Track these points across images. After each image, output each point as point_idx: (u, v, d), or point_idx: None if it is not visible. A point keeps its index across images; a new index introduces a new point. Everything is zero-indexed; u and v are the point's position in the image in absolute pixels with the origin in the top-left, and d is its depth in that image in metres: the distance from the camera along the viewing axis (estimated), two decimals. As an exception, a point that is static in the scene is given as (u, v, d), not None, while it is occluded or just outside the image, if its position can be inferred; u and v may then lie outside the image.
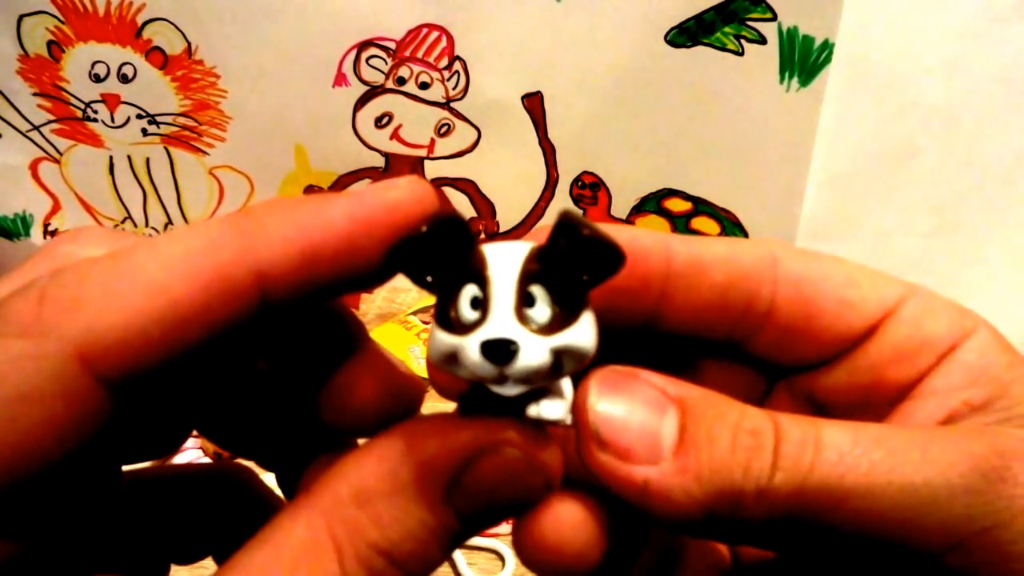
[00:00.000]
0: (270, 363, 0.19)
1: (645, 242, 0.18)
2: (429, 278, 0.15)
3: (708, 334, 0.19)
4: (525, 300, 0.14)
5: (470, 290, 0.14)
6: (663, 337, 0.19)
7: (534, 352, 0.14)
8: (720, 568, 0.21)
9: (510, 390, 0.15)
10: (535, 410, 0.16)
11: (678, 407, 0.16)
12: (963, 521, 0.14)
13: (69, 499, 0.16)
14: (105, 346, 0.14)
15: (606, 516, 0.17)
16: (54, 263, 0.15)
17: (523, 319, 0.14)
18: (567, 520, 0.17)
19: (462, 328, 0.14)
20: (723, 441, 0.15)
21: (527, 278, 0.14)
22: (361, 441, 0.17)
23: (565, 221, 0.14)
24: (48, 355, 0.13)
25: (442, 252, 0.15)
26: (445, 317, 0.14)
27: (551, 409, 0.16)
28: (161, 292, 0.14)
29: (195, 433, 0.24)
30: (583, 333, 0.15)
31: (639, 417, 0.16)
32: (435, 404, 0.18)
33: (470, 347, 0.14)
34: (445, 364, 0.15)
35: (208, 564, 0.20)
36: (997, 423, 0.17)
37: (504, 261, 0.15)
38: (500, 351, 0.14)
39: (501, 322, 0.14)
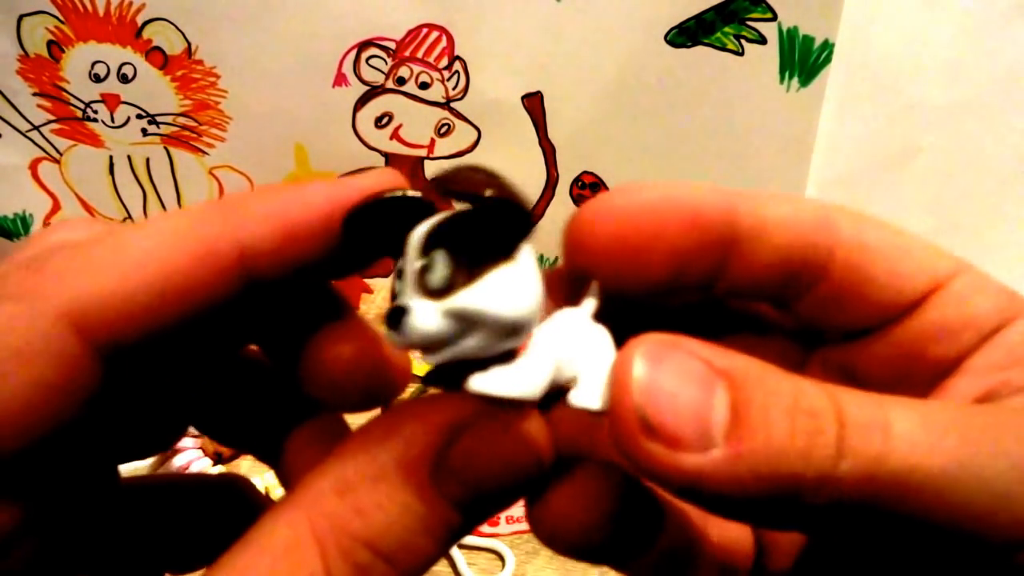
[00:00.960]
0: (261, 343, 0.19)
1: (712, 209, 0.17)
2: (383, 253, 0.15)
3: (759, 296, 0.18)
4: (424, 266, 0.14)
5: (399, 265, 0.14)
6: (699, 304, 0.18)
7: (424, 317, 0.14)
8: (743, 552, 0.21)
9: (432, 358, 0.14)
10: (477, 382, 0.14)
11: (727, 382, 0.14)
12: None
13: (66, 490, 0.16)
14: (94, 310, 0.14)
15: (616, 493, 0.16)
16: (44, 249, 0.16)
17: (420, 285, 0.14)
18: (573, 499, 0.16)
19: (391, 302, 0.14)
20: (780, 424, 0.14)
21: (428, 244, 0.14)
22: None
23: (438, 181, 0.14)
24: (40, 316, 0.14)
25: (390, 229, 0.15)
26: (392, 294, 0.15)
27: (492, 381, 0.14)
28: (149, 262, 0.15)
29: (195, 433, 0.24)
30: (483, 294, 0.14)
31: (689, 397, 0.14)
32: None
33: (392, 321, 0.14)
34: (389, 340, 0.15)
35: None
36: None
37: (418, 231, 0.14)
38: (393, 318, 0.14)
39: (405, 291, 0.14)
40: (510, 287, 0.14)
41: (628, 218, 0.17)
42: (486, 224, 0.14)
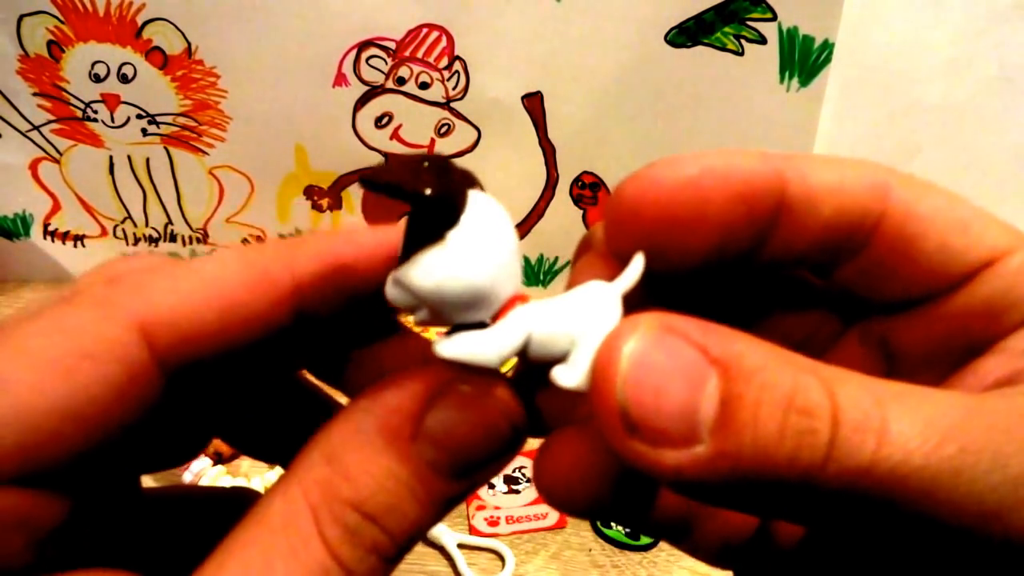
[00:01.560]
0: (309, 364, 0.20)
1: (761, 179, 0.16)
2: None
3: (803, 264, 0.18)
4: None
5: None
6: (742, 270, 0.18)
7: (387, 284, 0.16)
8: (746, 522, 0.20)
9: (416, 321, 0.16)
10: (439, 346, 0.16)
11: (720, 372, 0.14)
12: None
13: (99, 495, 0.16)
14: (163, 323, 0.15)
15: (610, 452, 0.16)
16: (111, 273, 0.18)
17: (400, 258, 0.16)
18: (566, 458, 0.17)
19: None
20: (770, 423, 0.13)
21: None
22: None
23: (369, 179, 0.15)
24: (112, 322, 0.15)
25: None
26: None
27: (452, 346, 0.16)
28: (216, 286, 0.16)
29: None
30: (409, 270, 0.15)
31: (676, 392, 0.14)
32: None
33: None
34: None
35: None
36: None
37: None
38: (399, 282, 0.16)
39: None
40: (431, 264, 0.15)
41: (671, 193, 0.17)
42: (414, 215, 0.16)
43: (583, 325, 0.16)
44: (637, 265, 0.17)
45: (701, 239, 0.16)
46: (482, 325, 0.16)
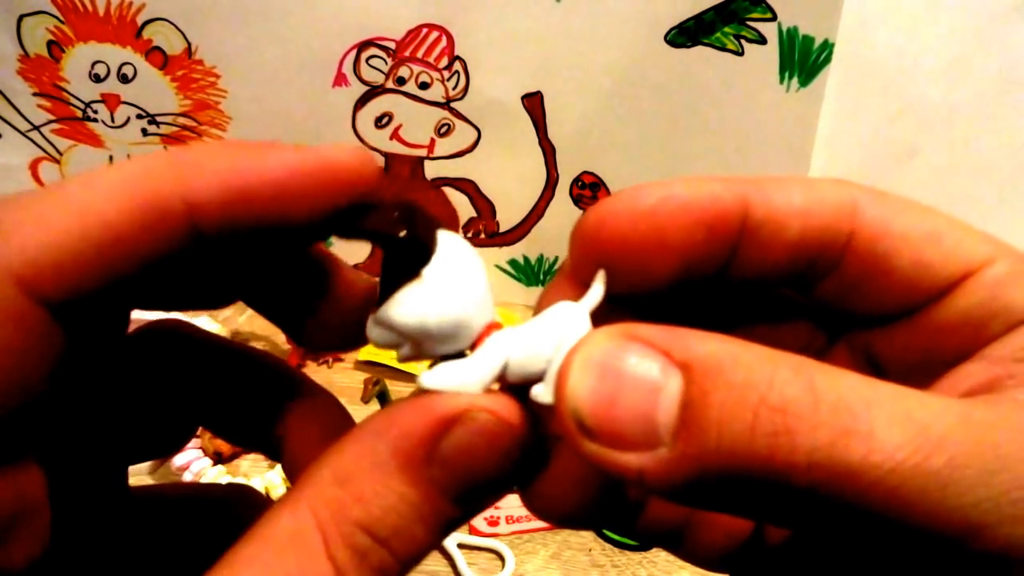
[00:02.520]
0: (255, 304, 0.20)
1: (724, 203, 0.17)
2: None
3: (775, 283, 0.18)
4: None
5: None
6: (724, 284, 0.18)
7: (368, 326, 0.16)
8: (741, 525, 0.21)
9: (400, 358, 0.17)
10: (423, 378, 0.16)
11: (683, 373, 0.13)
12: (1008, 546, 0.13)
13: (77, 487, 0.16)
14: (40, 267, 0.14)
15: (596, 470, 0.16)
16: None
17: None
18: (556, 478, 0.17)
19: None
20: (739, 422, 0.13)
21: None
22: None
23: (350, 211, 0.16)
24: None
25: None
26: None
27: (434, 377, 0.16)
28: (93, 214, 0.14)
29: (195, 433, 0.24)
30: (388, 308, 0.16)
31: (630, 393, 0.13)
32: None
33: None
34: None
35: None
36: None
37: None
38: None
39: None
40: (412, 301, 0.16)
41: (631, 224, 0.17)
42: (390, 258, 0.16)
43: (555, 343, 0.16)
44: (600, 283, 0.17)
45: (661, 265, 0.17)
46: (461, 355, 0.17)
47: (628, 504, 0.19)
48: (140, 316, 0.19)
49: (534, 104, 0.63)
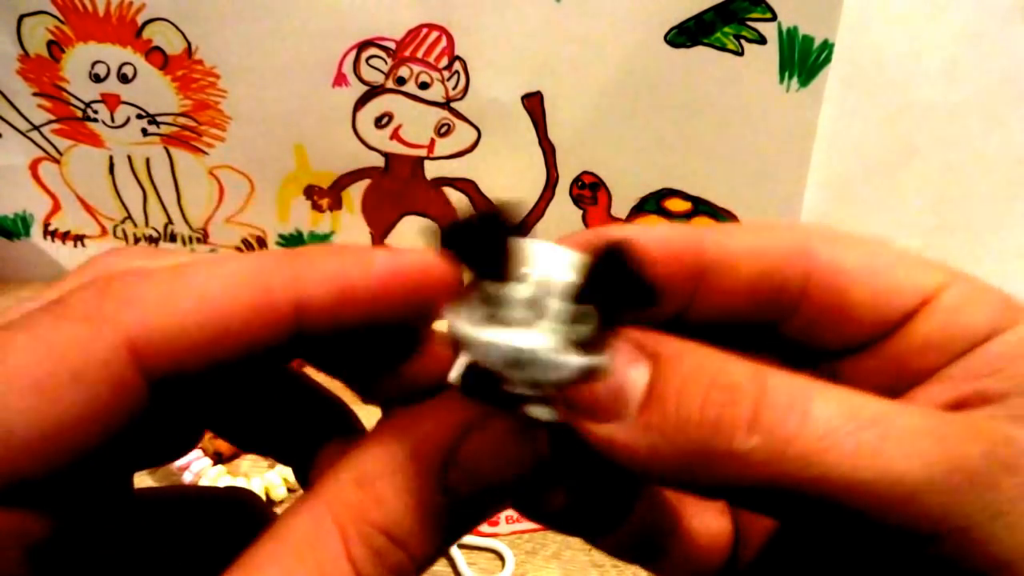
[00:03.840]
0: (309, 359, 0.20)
1: (678, 243, 0.18)
2: (478, 267, 0.16)
3: (735, 323, 0.19)
4: (575, 316, 0.15)
5: (513, 289, 0.15)
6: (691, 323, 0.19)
7: (567, 368, 0.15)
8: (721, 540, 0.21)
9: (519, 389, 0.15)
10: (537, 411, 0.16)
11: (651, 360, 0.15)
12: (940, 518, 0.14)
13: (86, 500, 0.16)
14: (154, 341, 0.15)
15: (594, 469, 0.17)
16: (105, 271, 0.17)
17: (565, 332, 0.15)
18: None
19: (503, 322, 0.15)
20: (694, 396, 0.15)
21: (580, 296, 0.15)
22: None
23: (612, 253, 0.15)
24: (102, 340, 0.14)
25: (491, 245, 0.15)
26: (487, 304, 0.15)
27: (546, 412, 0.16)
28: (211, 303, 0.15)
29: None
30: (609, 360, 0.16)
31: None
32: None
33: (511, 347, 0.15)
34: (469, 346, 0.16)
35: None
36: (1007, 419, 0.16)
37: (557, 269, 0.15)
38: (536, 363, 0.15)
39: (546, 333, 0.15)
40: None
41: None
42: (626, 298, 0.15)
43: None
44: None
45: None
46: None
47: (606, 511, 0.20)
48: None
49: (534, 104, 0.63)
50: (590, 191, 0.67)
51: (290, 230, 0.71)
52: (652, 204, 0.67)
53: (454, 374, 0.16)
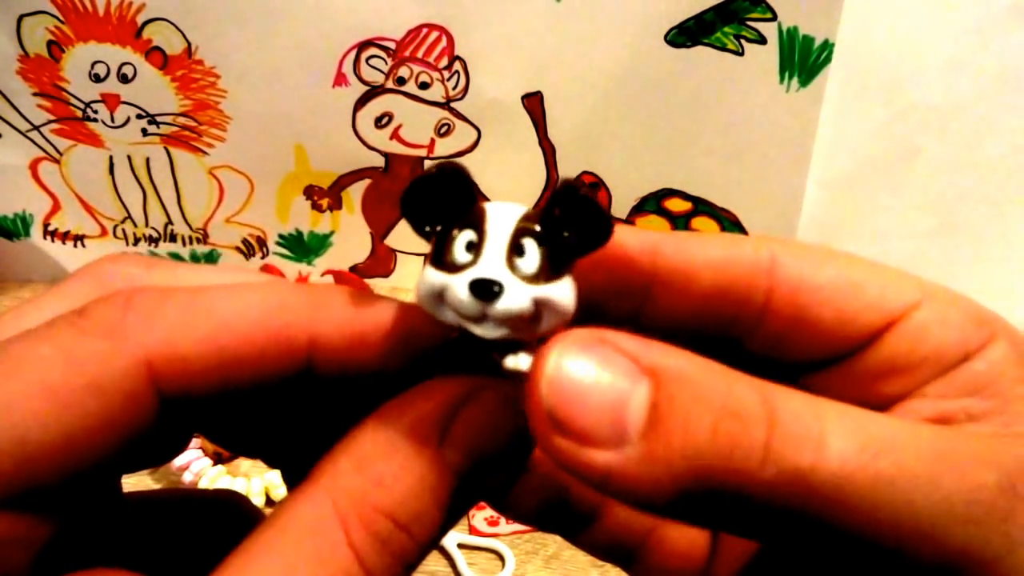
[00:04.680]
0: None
1: (631, 244, 0.18)
2: (428, 227, 0.16)
3: (697, 333, 0.19)
4: (516, 250, 0.15)
5: (466, 235, 0.16)
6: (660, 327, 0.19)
7: (517, 296, 0.15)
8: (697, 549, 0.21)
9: (490, 332, 0.16)
10: (512, 361, 0.16)
11: (651, 380, 0.14)
12: (961, 551, 0.13)
13: (79, 504, 0.16)
14: (172, 362, 0.15)
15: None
16: (100, 281, 0.17)
17: (512, 266, 0.15)
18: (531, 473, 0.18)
19: (454, 268, 0.15)
20: (702, 425, 0.13)
21: (520, 232, 0.16)
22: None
23: (565, 186, 0.16)
24: (122, 356, 0.15)
25: (445, 200, 0.16)
26: (440, 258, 0.16)
27: (528, 362, 0.16)
28: (231, 330, 0.16)
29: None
30: (564, 291, 0.16)
31: (601, 392, 0.14)
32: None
33: (458, 285, 0.15)
34: (432, 303, 0.16)
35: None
36: (1012, 437, 0.16)
37: (501, 215, 0.16)
38: (485, 289, 0.15)
39: (490, 265, 0.15)
40: (575, 292, 0.16)
41: None
42: (577, 229, 0.16)
43: None
44: None
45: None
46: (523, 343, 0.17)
47: (578, 513, 0.20)
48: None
49: (534, 104, 0.63)
50: (590, 191, 0.67)
51: (290, 230, 0.71)
52: (652, 204, 0.67)
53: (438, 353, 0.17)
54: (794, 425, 0.14)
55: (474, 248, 0.16)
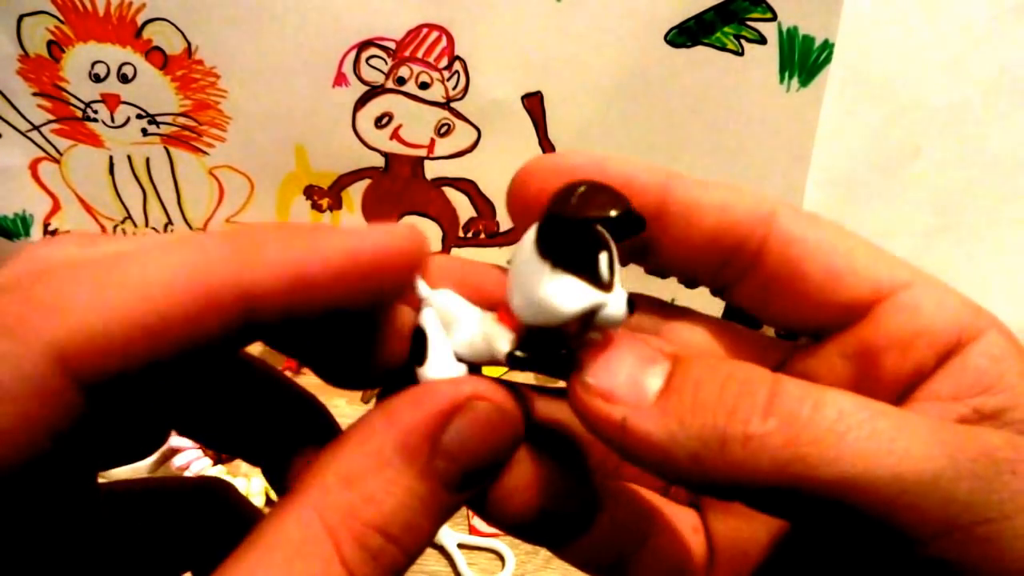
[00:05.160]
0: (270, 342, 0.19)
1: (643, 180, 0.18)
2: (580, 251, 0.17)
3: (693, 274, 0.20)
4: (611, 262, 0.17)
5: (605, 255, 0.16)
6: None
7: (576, 303, 0.16)
8: (695, 562, 0.21)
9: (594, 333, 0.17)
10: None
11: (671, 359, 0.16)
12: (963, 508, 0.13)
13: (43, 503, 0.16)
14: (84, 351, 0.14)
15: (549, 479, 0.18)
16: (34, 267, 0.15)
17: (613, 277, 0.17)
18: (511, 481, 0.18)
19: (605, 286, 0.16)
20: (711, 386, 0.15)
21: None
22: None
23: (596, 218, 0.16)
24: (27, 356, 0.13)
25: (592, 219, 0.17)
26: (593, 274, 0.16)
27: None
28: (147, 300, 0.14)
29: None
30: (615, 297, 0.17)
31: (627, 363, 0.16)
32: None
33: (618, 301, 0.16)
34: (575, 314, 0.16)
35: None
36: (1014, 429, 0.16)
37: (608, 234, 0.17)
38: (632, 304, 0.16)
39: (613, 279, 0.16)
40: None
41: (554, 179, 0.18)
42: (622, 235, 0.17)
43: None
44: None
45: None
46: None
47: (571, 522, 0.20)
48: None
49: (534, 104, 0.63)
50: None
51: (290, 230, 0.71)
52: (652, 204, 0.67)
53: (506, 348, 0.17)
54: (794, 389, 0.15)
55: (610, 266, 0.16)
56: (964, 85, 0.58)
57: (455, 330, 0.18)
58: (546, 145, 0.65)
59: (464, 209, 0.69)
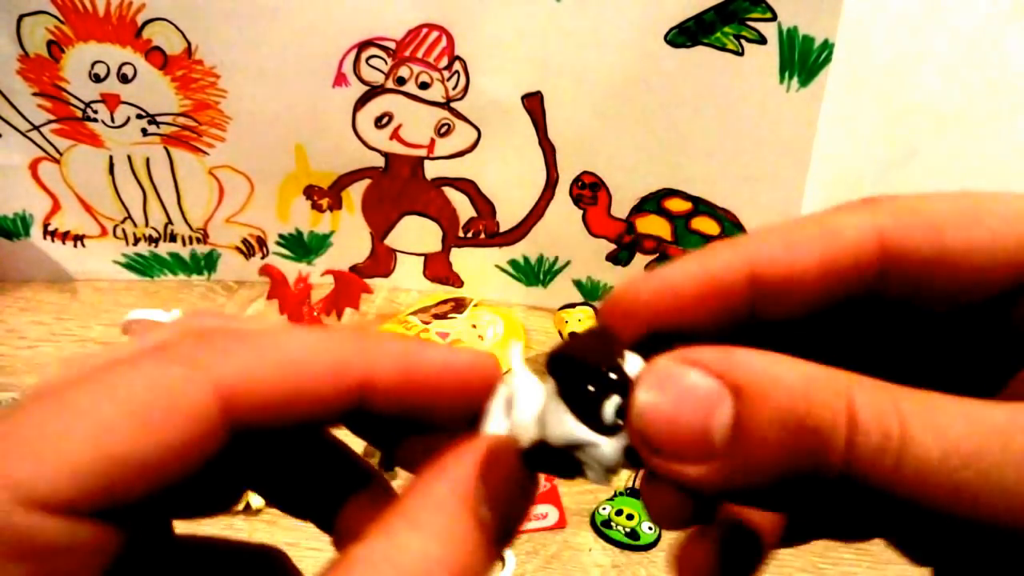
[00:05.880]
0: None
1: (728, 266, 0.18)
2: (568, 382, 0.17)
3: (816, 316, 0.18)
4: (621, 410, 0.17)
5: (614, 400, 0.17)
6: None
7: (612, 453, 0.17)
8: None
9: (596, 476, 0.18)
10: (592, 475, 0.18)
11: (733, 395, 0.15)
12: None
13: (139, 535, 0.17)
14: (240, 392, 0.16)
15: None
16: (190, 327, 0.19)
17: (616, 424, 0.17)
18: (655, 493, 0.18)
19: (605, 429, 0.17)
20: (781, 439, 0.14)
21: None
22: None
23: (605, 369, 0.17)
24: (196, 383, 0.16)
25: (595, 358, 0.17)
26: (592, 415, 0.17)
27: (600, 475, 0.18)
28: (293, 366, 0.17)
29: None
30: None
31: (689, 414, 0.15)
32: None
33: (613, 448, 0.17)
34: (563, 444, 0.17)
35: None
36: None
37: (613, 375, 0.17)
38: (635, 459, 0.17)
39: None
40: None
41: (655, 305, 0.18)
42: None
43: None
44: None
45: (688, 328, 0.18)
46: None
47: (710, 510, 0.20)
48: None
49: (534, 104, 0.63)
50: (590, 191, 0.67)
51: (290, 230, 0.71)
52: (652, 204, 0.67)
53: (526, 446, 0.18)
54: (874, 433, 0.14)
55: (622, 414, 0.17)
56: (964, 86, 0.58)
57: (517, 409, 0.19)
58: (546, 145, 0.65)
59: (464, 209, 0.69)
